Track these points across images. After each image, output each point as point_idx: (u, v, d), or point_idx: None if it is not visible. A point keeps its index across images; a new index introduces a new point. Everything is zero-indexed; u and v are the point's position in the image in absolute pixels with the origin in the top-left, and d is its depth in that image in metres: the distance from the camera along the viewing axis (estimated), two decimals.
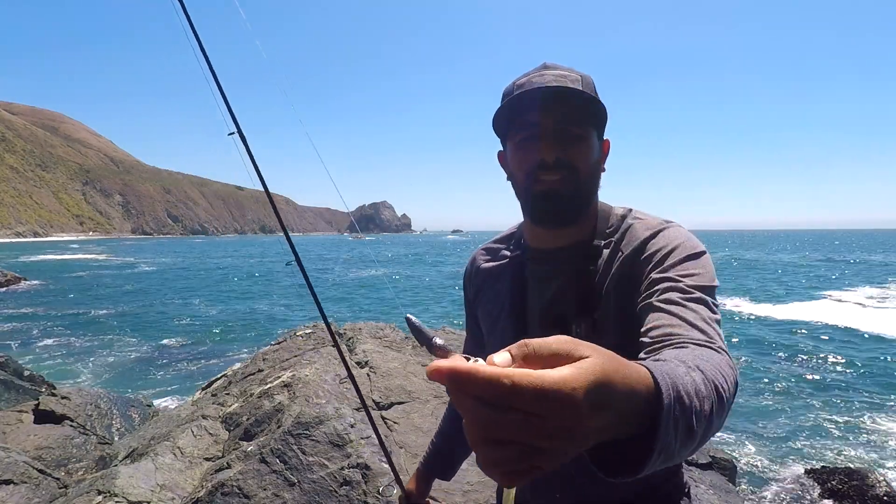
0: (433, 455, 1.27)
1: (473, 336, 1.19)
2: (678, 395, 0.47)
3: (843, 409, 7.21)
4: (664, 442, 0.44)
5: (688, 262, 0.82)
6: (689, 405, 0.48)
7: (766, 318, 14.96)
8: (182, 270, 36.90)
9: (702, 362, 0.57)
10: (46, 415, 4.47)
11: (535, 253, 1.01)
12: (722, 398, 0.55)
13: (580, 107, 0.89)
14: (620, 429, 0.41)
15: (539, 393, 0.34)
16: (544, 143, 0.88)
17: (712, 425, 0.53)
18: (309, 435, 2.87)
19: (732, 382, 0.60)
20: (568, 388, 0.35)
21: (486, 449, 0.36)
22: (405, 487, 1.27)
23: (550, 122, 0.88)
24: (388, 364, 4.56)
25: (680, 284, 0.78)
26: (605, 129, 0.96)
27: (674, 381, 0.48)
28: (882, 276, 28.52)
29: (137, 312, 17.10)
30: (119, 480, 2.87)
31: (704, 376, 0.54)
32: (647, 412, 0.43)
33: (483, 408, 0.35)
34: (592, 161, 0.92)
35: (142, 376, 9.32)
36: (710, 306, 0.76)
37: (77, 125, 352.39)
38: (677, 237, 0.88)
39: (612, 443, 0.43)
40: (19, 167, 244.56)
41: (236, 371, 5.51)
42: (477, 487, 2.70)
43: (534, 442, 0.36)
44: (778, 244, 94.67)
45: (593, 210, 0.98)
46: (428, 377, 0.38)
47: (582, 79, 0.91)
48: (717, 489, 3.53)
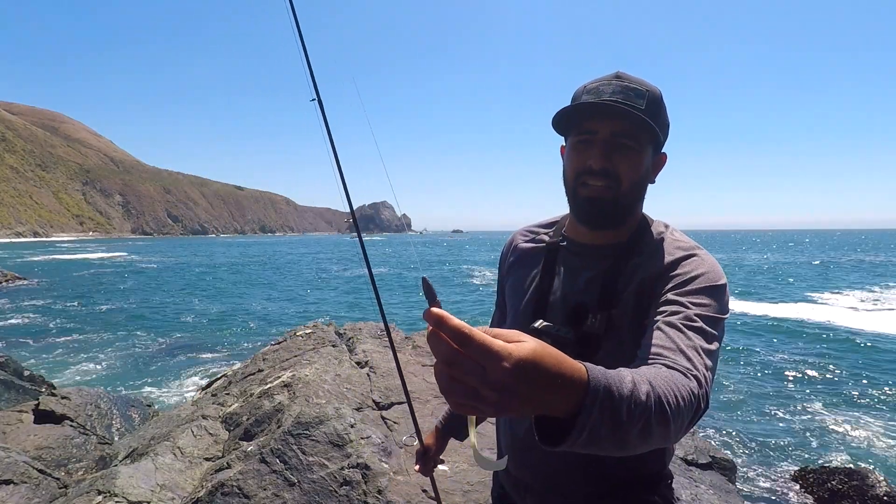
0: (450, 416, 1.39)
1: (500, 309, 1.27)
2: (608, 391, 0.56)
3: (842, 409, 7.21)
4: (588, 424, 0.55)
5: (704, 294, 0.88)
6: (618, 402, 0.57)
7: (766, 319, 14.97)
8: (183, 268, 36.96)
9: (657, 379, 0.66)
10: (46, 415, 4.47)
11: (572, 244, 1.08)
12: (665, 412, 0.63)
13: (636, 123, 0.93)
14: (556, 406, 0.53)
15: (484, 348, 0.48)
16: (595, 151, 0.95)
17: (651, 431, 0.62)
18: (309, 435, 2.87)
19: (685, 402, 0.67)
20: (506, 352, 0.48)
21: (444, 380, 0.50)
22: (424, 442, 1.40)
23: (605, 132, 0.95)
24: (388, 364, 4.56)
25: (689, 312, 0.84)
26: (665, 143, 1.03)
27: (606, 380, 0.57)
28: (878, 278, 28.52)
29: (137, 312, 17.10)
30: (119, 480, 2.87)
31: (652, 390, 0.63)
32: (577, 399, 0.54)
33: (446, 347, 0.49)
34: (639, 174, 0.98)
35: (142, 376, 9.31)
36: (709, 336, 0.82)
37: (77, 125, 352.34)
38: (703, 266, 0.93)
39: (551, 418, 0.56)
40: (19, 167, 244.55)
41: (236, 371, 5.51)
42: (477, 487, 2.70)
43: (477, 387, 0.49)
44: (767, 244, 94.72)
45: (635, 218, 1.04)
46: (423, 317, 0.50)
47: (649, 93, 0.95)
48: (717, 489, 3.53)
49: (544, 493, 1.06)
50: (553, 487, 1.05)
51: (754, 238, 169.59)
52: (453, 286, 25.87)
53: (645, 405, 0.61)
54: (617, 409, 0.57)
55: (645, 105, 0.93)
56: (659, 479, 1.05)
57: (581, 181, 0.98)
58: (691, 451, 4.01)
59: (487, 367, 0.48)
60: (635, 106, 0.92)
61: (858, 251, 61.85)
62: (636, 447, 0.63)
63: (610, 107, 0.92)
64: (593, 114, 0.95)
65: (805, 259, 46.40)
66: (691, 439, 4.25)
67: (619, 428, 0.58)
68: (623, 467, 1.01)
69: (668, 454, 1.07)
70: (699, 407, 0.71)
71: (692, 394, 0.70)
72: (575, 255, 1.06)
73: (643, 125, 0.93)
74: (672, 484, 1.10)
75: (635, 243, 1.01)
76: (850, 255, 51.70)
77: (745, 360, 10.02)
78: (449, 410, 1.40)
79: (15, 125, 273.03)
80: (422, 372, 4.59)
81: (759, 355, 10.40)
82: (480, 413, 0.52)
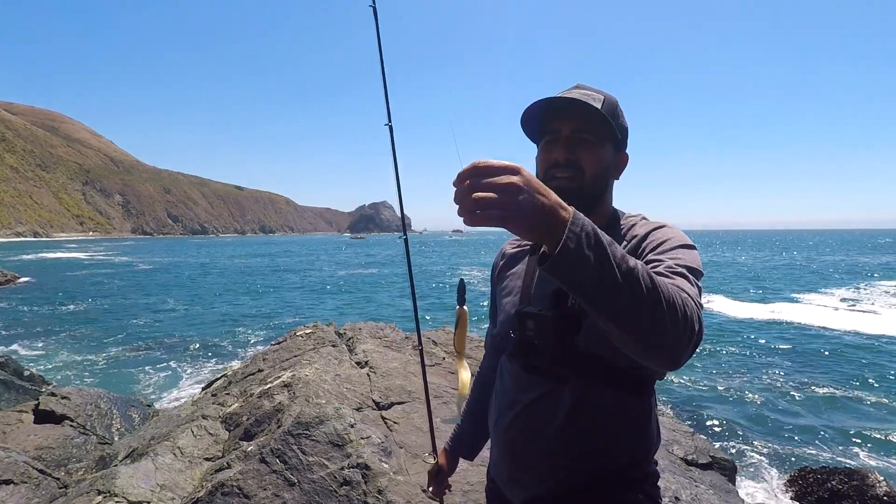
0: (457, 437, 1.45)
1: (494, 305, 1.35)
2: (594, 229, 0.69)
3: (843, 409, 7.22)
4: (575, 251, 0.66)
5: (678, 250, 0.96)
6: (605, 245, 0.68)
7: (767, 319, 14.97)
8: (183, 269, 36.94)
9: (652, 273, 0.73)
10: (46, 415, 4.46)
11: None
12: (656, 287, 0.71)
13: (594, 118, 1.04)
14: (550, 221, 0.67)
15: (500, 164, 0.67)
16: (560, 146, 1.06)
17: (642, 297, 0.69)
18: (309, 435, 2.87)
19: (680, 300, 0.73)
20: (515, 166, 0.67)
21: (466, 198, 0.66)
22: (437, 462, 1.47)
23: (567, 130, 1.06)
24: (388, 364, 4.56)
25: (668, 263, 0.92)
26: (626, 146, 1.13)
27: (593, 224, 0.69)
28: (875, 276, 28.52)
29: (138, 312, 17.10)
30: (119, 480, 2.87)
31: (647, 270, 0.71)
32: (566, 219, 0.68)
33: (473, 177, 0.67)
34: (601, 165, 1.08)
35: (142, 376, 9.31)
36: (692, 281, 0.87)
37: (77, 125, 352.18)
38: (672, 233, 1.02)
39: (546, 251, 0.70)
40: (19, 167, 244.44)
41: (236, 371, 5.51)
42: (477, 487, 2.70)
43: (493, 191, 0.65)
44: (760, 244, 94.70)
45: (605, 210, 1.13)
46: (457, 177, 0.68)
47: (605, 99, 1.07)
48: (717, 489, 3.52)
49: (531, 486, 1.09)
50: (539, 481, 1.07)
51: (778, 237, 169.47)
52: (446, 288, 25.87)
53: (634, 266, 0.70)
54: (600, 244, 0.68)
55: (602, 106, 1.05)
56: (644, 477, 1.07)
57: (550, 175, 1.07)
58: (691, 451, 4.01)
59: (502, 174, 0.66)
60: (593, 105, 1.03)
61: (873, 251, 61.83)
62: (631, 315, 0.69)
63: (570, 101, 1.04)
64: (556, 113, 1.06)
65: (808, 259, 46.40)
66: (691, 439, 4.24)
67: (606, 264, 0.67)
68: (607, 456, 1.04)
69: (651, 443, 1.08)
70: (694, 319, 0.75)
71: (685, 295, 0.76)
72: None
73: (601, 120, 1.04)
74: (658, 483, 1.12)
75: (610, 229, 1.08)
76: (849, 256, 51.70)
77: (745, 360, 10.02)
78: (457, 429, 1.45)
79: (15, 125, 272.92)
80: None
81: (760, 355, 10.40)
82: (492, 219, 0.65)
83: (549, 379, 1.05)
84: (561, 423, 1.02)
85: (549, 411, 1.04)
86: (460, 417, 0.81)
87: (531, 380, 1.08)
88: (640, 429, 1.05)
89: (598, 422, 1.02)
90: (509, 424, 1.11)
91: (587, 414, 1.02)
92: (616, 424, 1.03)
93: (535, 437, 1.06)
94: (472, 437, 1.44)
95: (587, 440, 1.02)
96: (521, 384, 1.10)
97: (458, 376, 0.78)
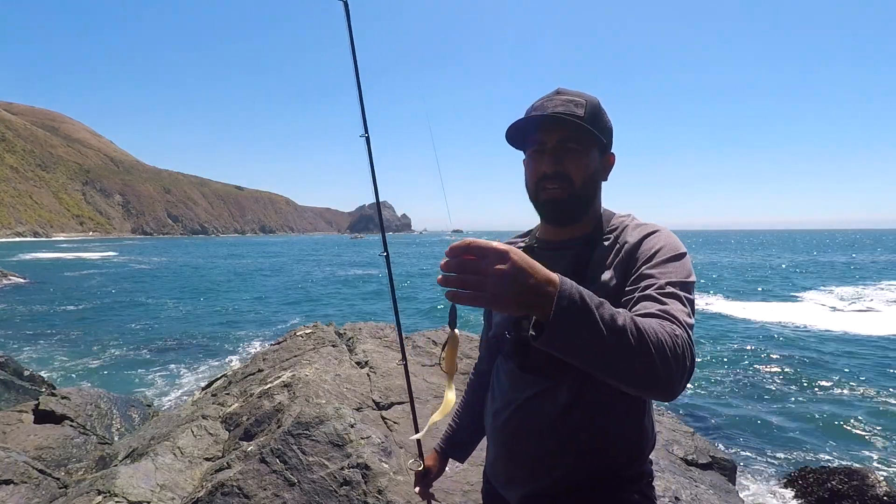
0: (449, 438, 1.45)
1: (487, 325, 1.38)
2: (581, 296, 0.70)
3: (843, 409, 7.21)
4: (564, 321, 0.69)
5: (670, 263, 0.98)
6: (593, 309, 0.70)
7: (766, 320, 14.96)
8: (182, 269, 36.95)
9: (636, 317, 0.76)
10: (46, 415, 4.46)
11: (544, 244, 1.20)
12: (644, 335, 0.73)
13: (578, 128, 1.06)
14: (538, 297, 0.69)
15: (489, 247, 0.68)
16: (547, 158, 1.08)
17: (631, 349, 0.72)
18: (309, 435, 2.87)
19: (667, 336, 0.76)
20: (504, 249, 0.68)
21: (455, 279, 0.69)
22: (425, 464, 1.45)
23: (552, 141, 1.08)
24: (388, 364, 4.56)
25: (660, 281, 0.93)
26: (612, 146, 1.15)
27: (580, 289, 0.71)
28: (876, 276, 28.52)
29: (137, 312, 17.09)
30: (119, 480, 2.87)
31: (629, 317, 0.74)
32: (553, 293, 0.69)
33: (459, 259, 0.69)
34: (589, 172, 1.10)
35: (142, 376, 9.31)
36: (682, 300, 0.90)
37: (77, 125, 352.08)
38: (665, 240, 1.04)
39: (537, 322, 0.72)
40: (19, 167, 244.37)
41: (236, 371, 5.51)
42: (476, 487, 2.70)
43: (480, 276, 0.67)
44: (758, 244, 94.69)
45: (595, 212, 1.15)
46: (449, 251, 0.70)
47: (587, 103, 1.08)
48: (717, 489, 3.52)
49: (526, 483, 1.10)
50: (535, 478, 1.09)
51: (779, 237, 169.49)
52: None
53: (623, 324, 0.72)
54: (588, 310, 0.70)
55: (584, 112, 1.07)
56: (640, 476, 1.09)
57: (540, 186, 1.10)
58: (691, 451, 4.01)
59: (491, 261, 0.67)
60: (575, 114, 1.06)
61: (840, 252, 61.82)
62: (623, 367, 0.73)
63: (553, 117, 1.06)
64: (541, 126, 1.08)
65: (809, 259, 46.41)
66: (691, 439, 4.25)
67: (595, 329, 0.70)
68: (603, 453, 1.05)
69: (647, 440, 1.10)
70: (685, 356, 0.78)
71: (675, 333, 0.78)
72: (547, 252, 1.16)
73: (585, 131, 1.06)
74: (653, 482, 1.14)
75: (600, 231, 1.12)
76: (849, 255, 51.71)
77: (745, 360, 10.02)
78: (448, 430, 1.45)
79: (15, 125, 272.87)
80: (421, 372, 4.60)
81: (759, 355, 10.40)
82: (477, 301, 0.68)
83: (545, 377, 1.06)
84: (557, 419, 1.04)
85: (544, 408, 1.06)
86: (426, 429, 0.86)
87: (527, 378, 1.09)
88: (635, 426, 1.07)
89: (593, 419, 1.03)
90: (505, 422, 1.12)
91: (583, 411, 1.03)
92: (611, 421, 1.04)
93: (531, 433, 1.07)
94: (464, 439, 1.44)
95: (583, 437, 1.04)
96: (518, 382, 1.11)
97: (444, 397, 0.79)
